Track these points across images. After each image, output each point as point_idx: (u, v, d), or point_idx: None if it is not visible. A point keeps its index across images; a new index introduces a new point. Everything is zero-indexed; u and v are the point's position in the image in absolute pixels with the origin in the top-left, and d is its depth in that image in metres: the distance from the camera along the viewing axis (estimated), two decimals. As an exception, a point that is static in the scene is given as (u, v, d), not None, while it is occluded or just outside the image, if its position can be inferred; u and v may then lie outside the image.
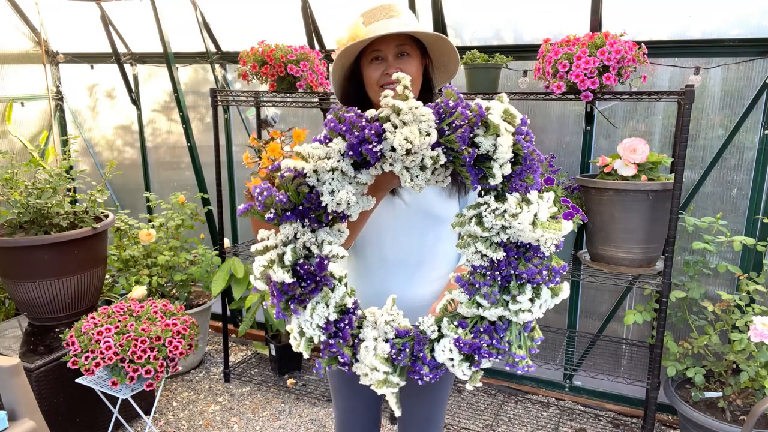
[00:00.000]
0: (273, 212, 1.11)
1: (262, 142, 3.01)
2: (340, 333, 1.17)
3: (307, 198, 1.09)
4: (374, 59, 1.40)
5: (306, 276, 1.12)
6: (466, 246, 1.15)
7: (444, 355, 1.14)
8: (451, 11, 2.85)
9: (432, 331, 1.18)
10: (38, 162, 2.89)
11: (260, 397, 3.10)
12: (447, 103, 1.07)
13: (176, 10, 3.38)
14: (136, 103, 3.92)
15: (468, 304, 1.15)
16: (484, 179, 1.09)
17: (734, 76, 2.50)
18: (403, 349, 1.16)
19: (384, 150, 1.06)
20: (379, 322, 1.19)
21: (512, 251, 1.11)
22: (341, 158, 1.07)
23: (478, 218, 1.12)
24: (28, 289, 2.66)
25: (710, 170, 2.60)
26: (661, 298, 2.30)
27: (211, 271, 3.27)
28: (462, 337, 1.13)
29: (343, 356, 1.16)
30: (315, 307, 1.15)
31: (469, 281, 1.15)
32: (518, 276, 1.11)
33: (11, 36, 3.81)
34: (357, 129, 1.05)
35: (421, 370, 1.16)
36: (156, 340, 2.27)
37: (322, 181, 1.09)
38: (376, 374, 1.14)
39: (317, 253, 1.13)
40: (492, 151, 1.06)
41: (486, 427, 2.80)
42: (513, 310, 1.11)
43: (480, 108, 1.06)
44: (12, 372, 1.96)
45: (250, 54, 2.78)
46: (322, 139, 1.10)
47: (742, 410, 2.32)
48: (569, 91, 2.28)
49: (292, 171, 1.09)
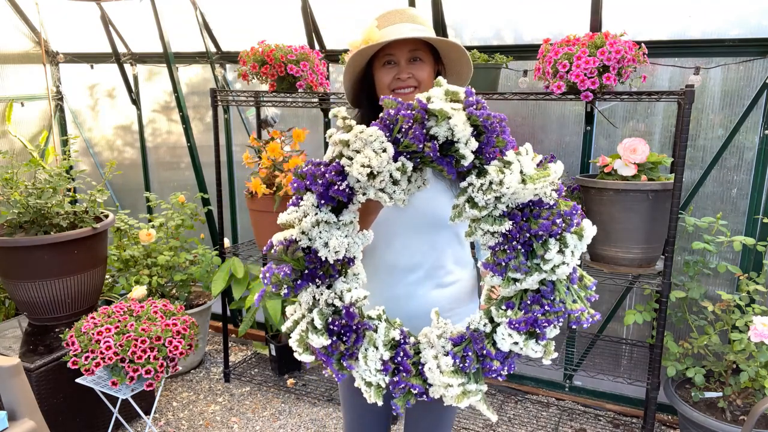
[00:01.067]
0: (285, 287, 1.13)
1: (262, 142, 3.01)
2: (401, 367, 1.15)
3: (308, 259, 1.12)
4: (386, 63, 1.41)
5: (343, 330, 1.13)
6: (473, 232, 1.13)
7: (507, 343, 1.12)
8: (451, 11, 2.85)
9: (484, 325, 1.16)
10: (38, 162, 2.89)
11: (260, 397, 3.10)
12: (388, 114, 1.08)
13: (176, 10, 3.38)
14: (136, 103, 3.92)
15: (505, 283, 1.13)
16: (457, 164, 1.08)
17: (734, 76, 2.50)
18: (466, 355, 1.14)
19: (351, 184, 1.08)
20: (432, 340, 1.17)
21: (518, 216, 1.09)
22: (318, 210, 1.10)
23: (470, 202, 1.10)
24: (28, 289, 2.66)
25: (710, 170, 2.60)
26: (661, 298, 2.30)
27: (211, 271, 3.27)
28: (513, 318, 1.10)
29: (415, 387, 1.14)
30: (366, 354, 1.15)
31: (494, 262, 1.14)
32: (536, 236, 1.08)
33: (11, 36, 3.81)
34: (318, 177, 1.08)
35: (492, 366, 1.14)
36: (156, 340, 2.27)
37: (312, 238, 1.11)
38: (452, 390, 1.12)
39: (342, 305, 1.14)
40: (451, 135, 1.05)
41: (486, 427, 2.80)
42: (548, 269, 1.08)
43: (420, 102, 1.06)
44: (12, 372, 1.96)
45: (250, 54, 2.78)
46: (294, 201, 1.13)
47: (742, 410, 2.32)
48: (569, 91, 2.28)
49: (283, 242, 1.12)
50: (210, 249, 3.43)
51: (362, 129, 1.05)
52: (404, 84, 1.40)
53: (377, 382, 1.15)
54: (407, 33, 1.36)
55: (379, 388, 1.16)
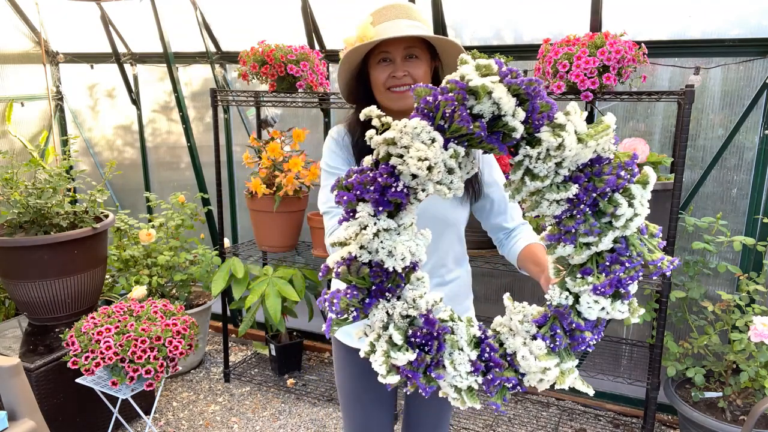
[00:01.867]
0: (354, 310, 1.05)
1: (262, 142, 3.01)
2: (491, 363, 1.09)
3: (372, 274, 1.03)
4: (382, 60, 1.39)
5: (424, 340, 1.06)
6: (535, 206, 1.08)
7: (594, 310, 1.07)
8: (451, 11, 2.85)
9: (566, 298, 1.10)
10: (38, 162, 2.89)
11: (260, 397, 3.10)
12: (426, 101, 1.00)
13: (176, 10, 3.38)
14: (136, 103, 3.92)
15: (578, 250, 1.08)
16: (505, 138, 1.02)
17: (734, 76, 2.49)
18: (554, 333, 1.09)
19: (407, 183, 1.00)
20: (513, 326, 1.12)
21: (582, 178, 1.04)
22: (376, 219, 1.01)
23: (529, 174, 1.05)
24: (28, 289, 2.66)
25: (710, 170, 2.60)
26: (661, 298, 2.30)
27: (211, 271, 3.27)
28: (598, 284, 1.06)
29: (510, 380, 1.08)
30: (452, 359, 1.07)
31: (562, 231, 1.09)
32: (602, 194, 1.04)
33: (11, 36, 3.81)
34: (369, 184, 0.99)
35: (584, 339, 1.09)
36: (156, 340, 2.27)
37: (372, 250, 1.03)
38: (552, 372, 1.06)
39: (418, 313, 1.06)
40: (497, 110, 1.00)
41: (486, 427, 2.80)
42: (620, 225, 1.04)
43: (457, 82, 1.00)
44: (12, 372, 1.96)
45: (250, 54, 2.78)
46: (345, 216, 1.03)
47: (742, 410, 2.32)
48: (569, 91, 2.28)
49: (342, 262, 1.04)
50: (210, 249, 3.43)
51: (405, 123, 0.98)
52: (400, 82, 1.38)
53: (469, 385, 1.07)
54: (403, 31, 1.33)
55: (471, 391, 1.08)
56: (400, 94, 1.38)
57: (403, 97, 1.39)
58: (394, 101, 1.40)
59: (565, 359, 1.09)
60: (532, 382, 1.09)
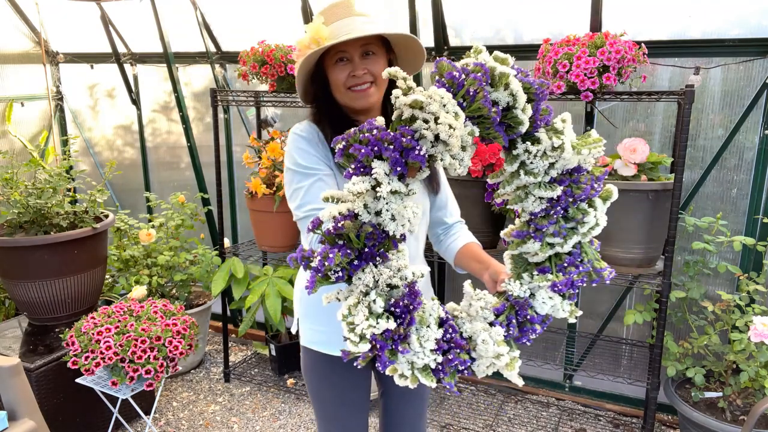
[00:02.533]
0: (339, 270, 1.02)
1: (262, 142, 3.01)
2: (453, 343, 1.11)
3: (369, 236, 1.01)
4: (339, 60, 1.36)
5: (402, 312, 1.05)
6: (522, 199, 1.15)
7: (547, 306, 1.16)
8: (451, 11, 2.85)
9: (524, 291, 1.17)
10: (38, 162, 2.89)
11: (260, 397, 3.10)
12: (451, 76, 1.01)
13: (176, 10, 3.38)
14: (136, 103, 3.92)
15: (543, 249, 1.15)
16: (510, 130, 1.08)
17: (734, 76, 2.49)
18: (510, 322, 1.16)
19: (427, 150, 1.00)
20: (473, 313, 1.16)
21: (565, 181, 1.12)
22: (390, 179, 1.00)
23: (523, 167, 1.11)
24: (28, 289, 2.66)
25: (710, 170, 2.60)
26: (661, 298, 2.30)
27: (211, 271, 3.27)
28: (557, 281, 1.14)
29: (465, 362, 1.10)
30: (419, 335, 1.07)
31: (533, 229, 1.16)
32: (574, 201, 1.13)
33: (11, 36, 3.81)
34: (389, 142, 0.98)
35: (535, 330, 1.17)
36: (156, 340, 2.27)
37: (375, 211, 1.01)
38: (503, 359, 1.10)
39: (402, 283, 1.06)
40: (512, 101, 1.04)
41: (486, 427, 2.80)
42: (584, 231, 1.14)
43: (482, 65, 1.03)
44: (12, 372, 1.96)
45: (250, 54, 2.78)
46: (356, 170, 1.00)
47: (742, 410, 2.32)
48: (569, 91, 2.28)
49: (343, 218, 1.00)
50: (210, 249, 3.43)
51: (434, 90, 0.99)
52: (360, 80, 1.35)
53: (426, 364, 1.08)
54: (362, 30, 1.31)
55: (426, 369, 1.08)
56: (362, 93, 1.36)
57: (366, 96, 1.37)
58: (356, 100, 1.38)
59: (513, 348, 1.15)
60: (482, 367, 1.12)
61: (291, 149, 1.39)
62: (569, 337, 2.95)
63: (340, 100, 1.40)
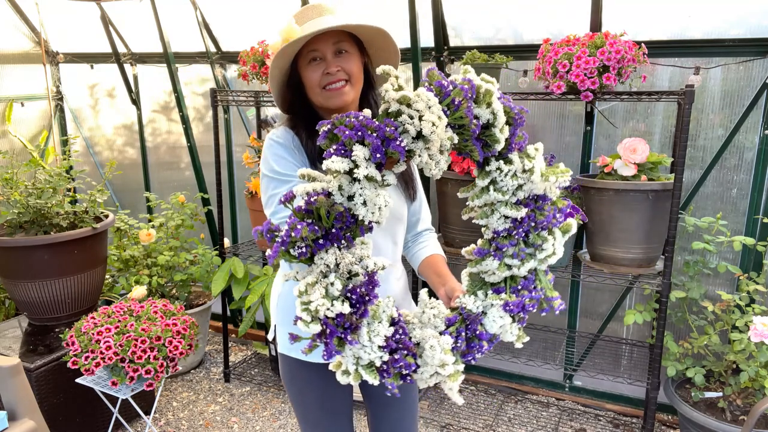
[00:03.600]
0: (303, 245, 1.02)
1: (262, 142, 3.01)
2: (402, 344, 1.11)
3: (338, 218, 1.03)
4: (312, 60, 1.35)
5: (358, 300, 1.05)
6: (487, 215, 1.20)
7: (496, 325, 1.19)
8: (451, 11, 2.85)
9: (478, 307, 1.20)
10: (38, 162, 2.89)
11: (260, 397, 3.10)
12: (440, 84, 1.06)
13: (176, 10, 3.38)
14: (136, 103, 3.92)
15: (500, 269, 1.20)
16: (486, 147, 1.13)
17: (734, 76, 2.49)
18: (459, 334, 1.18)
19: (407, 144, 1.03)
20: (425, 319, 1.18)
21: (530, 204, 1.18)
22: (368, 164, 1.02)
23: (493, 185, 1.17)
24: (28, 289, 2.66)
25: (710, 170, 2.60)
26: (661, 298, 2.30)
27: (211, 271, 3.27)
28: (510, 301, 1.18)
29: (409, 367, 1.10)
30: (370, 328, 1.07)
31: (494, 247, 1.20)
32: (535, 226, 1.18)
33: (11, 36, 3.81)
34: (373, 130, 1.01)
35: (482, 347, 1.19)
36: (156, 340, 2.27)
37: (348, 195, 1.03)
38: (447, 368, 1.11)
39: (362, 271, 1.06)
40: (492, 119, 1.10)
41: (486, 427, 2.80)
42: (540, 258, 1.19)
43: (471, 82, 1.08)
44: (12, 372, 1.96)
45: (250, 54, 2.78)
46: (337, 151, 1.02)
47: (742, 410, 2.32)
48: (569, 91, 2.28)
49: (316, 194, 1.02)
50: (210, 249, 3.43)
51: (422, 90, 1.03)
52: (335, 78, 1.34)
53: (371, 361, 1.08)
54: (328, 23, 1.30)
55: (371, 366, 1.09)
56: (337, 91, 1.35)
57: (340, 94, 1.35)
58: (331, 99, 1.36)
59: (458, 361, 1.17)
60: (425, 375, 1.12)
61: (267, 155, 1.38)
62: (569, 337, 2.95)
63: (315, 101, 1.39)
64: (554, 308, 1.22)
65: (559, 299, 1.22)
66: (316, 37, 1.32)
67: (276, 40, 1.35)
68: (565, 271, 2.54)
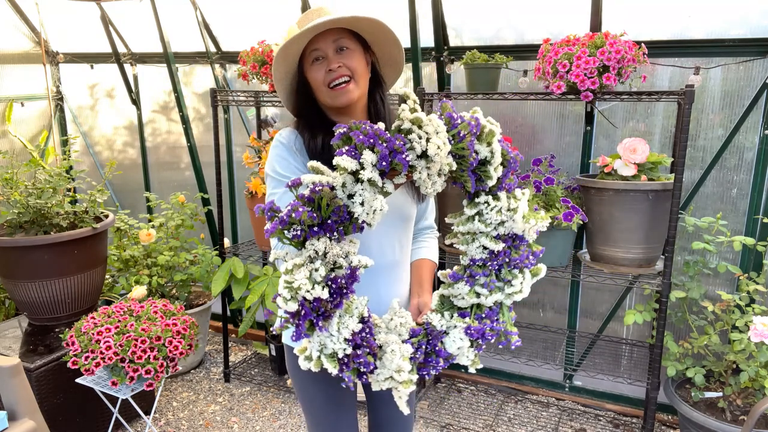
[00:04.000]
0: (298, 229, 1.12)
1: (262, 142, 3.01)
2: (365, 342, 1.18)
3: (336, 211, 1.12)
4: (315, 60, 1.39)
5: (336, 290, 1.13)
6: (468, 242, 1.30)
7: (455, 345, 1.28)
8: (452, 11, 2.85)
9: (441, 325, 1.30)
10: (38, 162, 2.89)
11: (260, 397, 3.10)
12: (450, 116, 1.19)
13: (176, 10, 3.38)
14: (136, 103, 3.92)
15: (469, 294, 1.30)
16: (479, 182, 1.25)
17: (734, 76, 2.49)
18: (419, 347, 1.27)
19: (412, 160, 1.13)
20: (392, 326, 1.26)
21: (508, 241, 1.29)
22: (373, 169, 1.11)
23: (479, 216, 1.28)
24: (28, 289, 2.66)
25: (710, 170, 2.60)
26: (661, 298, 2.30)
27: (211, 271, 3.27)
28: (472, 325, 1.28)
29: (368, 365, 1.18)
30: (341, 320, 1.16)
31: (468, 274, 1.30)
32: (509, 263, 1.29)
33: (11, 36, 3.81)
34: (384, 140, 1.11)
35: (438, 363, 1.28)
36: (156, 340, 2.27)
37: (349, 193, 1.12)
38: (402, 375, 1.19)
39: (346, 264, 1.14)
40: (489, 157, 1.22)
41: (486, 427, 2.80)
42: (507, 293, 1.30)
43: (477, 119, 1.20)
44: (12, 372, 1.96)
45: (250, 54, 2.78)
46: (348, 152, 1.11)
47: (742, 410, 2.32)
48: (569, 91, 2.28)
49: (321, 186, 1.11)
50: (210, 249, 3.43)
51: (434, 116, 1.14)
52: (337, 74, 1.37)
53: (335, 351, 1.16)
54: (323, 18, 1.33)
55: (333, 356, 1.17)
56: (342, 89, 1.38)
57: (346, 92, 1.38)
58: (337, 98, 1.39)
59: (413, 371, 1.25)
60: (380, 377, 1.21)
61: (271, 155, 1.43)
62: (569, 337, 2.95)
63: (322, 100, 1.43)
64: (511, 343, 1.31)
65: (516, 335, 1.31)
66: (316, 36, 1.35)
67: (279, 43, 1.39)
68: (565, 271, 2.54)
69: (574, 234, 2.53)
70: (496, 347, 2.89)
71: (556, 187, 2.49)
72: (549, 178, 2.50)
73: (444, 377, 3.26)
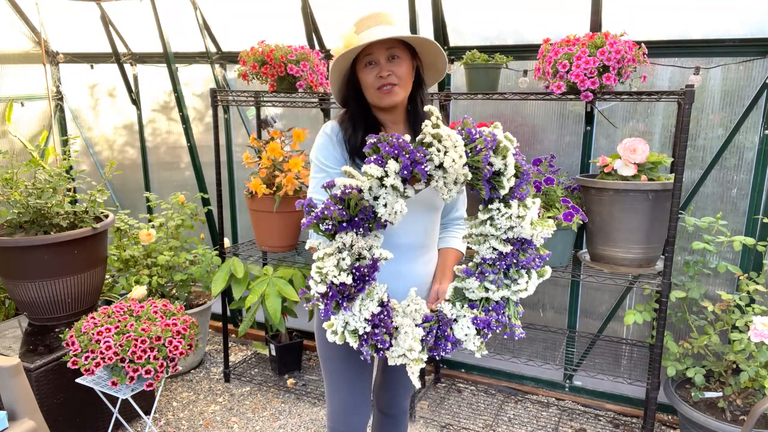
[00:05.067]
0: (330, 224, 1.32)
1: (262, 142, 3.01)
2: (383, 323, 1.37)
3: (362, 210, 1.32)
4: (368, 64, 1.56)
5: (359, 277, 1.33)
6: (480, 243, 1.47)
7: (462, 332, 1.45)
8: (452, 11, 2.85)
9: (452, 314, 1.47)
10: (38, 162, 2.89)
11: (260, 397, 3.10)
12: (469, 131, 1.34)
13: (176, 10, 3.38)
14: (136, 103, 3.92)
15: (478, 289, 1.46)
16: (493, 190, 1.41)
17: (734, 76, 2.49)
18: (431, 331, 1.45)
19: (430, 170, 1.30)
20: (408, 311, 1.45)
21: (516, 245, 1.44)
22: (396, 177, 1.29)
23: (491, 220, 1.43)
24: (28, 289, 2.66)
25: (710, 170, 2.60)
26: (661, 298, 2.30)
27: (211, 271, 3.27)
28: (479, 316, 1.45)
29: (384, 343, 1.37)
30: (362, 302, 1.35)
31: (479, 271, 1.47)
32: (516, 263, 1.45)
33: (11, 36, 3.81)
34: (407, 152, 1.29)
35: (446, 347, 1.45)
36: (156, 340, 2.27)
37: (375, 195, 1.31)
38: (413, 354, 1.37)
39: (369, 256, 1.35)
40: (503, 169, 1.37)
41: (486, 427, 2.80)
42: (514, 290, 1.46)
43: (493, 135, 1.36)
44: (12, 372, 1.96)
45: (250, 54, 2.78)
46: (375, 160, 1.30)
47: (742, 410, 2.32)
48: (569, 91, 2.28)
49: (351, 188, 1.31)
50: (210, 249, 3.43)
51: (452, 133, 1.31)
52: (386, 81, 1.54)
53: (356, 328, 1.36)
54: (382, 34, 1.50)
55: (354, 332, 1.37)
56: (389, 92, 1.56)
57: (391, 95, 1.56)
58: (383, 99, 1.57)
59: (423, 351, 1.43)
60: (394, 354, 1.38)
61: (316, 143, 1.62)
62: (569, 337, 2.95)
63: (369, 99, 1.60)
64: (515, 335, 1.47)
65: (520, 328, 1.48)
66: (372, 43, 1.52)
67: (338, 44, 1.56)
68: (565, 271, 2.54)
69: (574, 234, 2.52)
70: (497, 347, 2.89)
71: (556, 187, 2.49)
72: (549, 178, 2.50)
73: (444, 377, 3.26)
